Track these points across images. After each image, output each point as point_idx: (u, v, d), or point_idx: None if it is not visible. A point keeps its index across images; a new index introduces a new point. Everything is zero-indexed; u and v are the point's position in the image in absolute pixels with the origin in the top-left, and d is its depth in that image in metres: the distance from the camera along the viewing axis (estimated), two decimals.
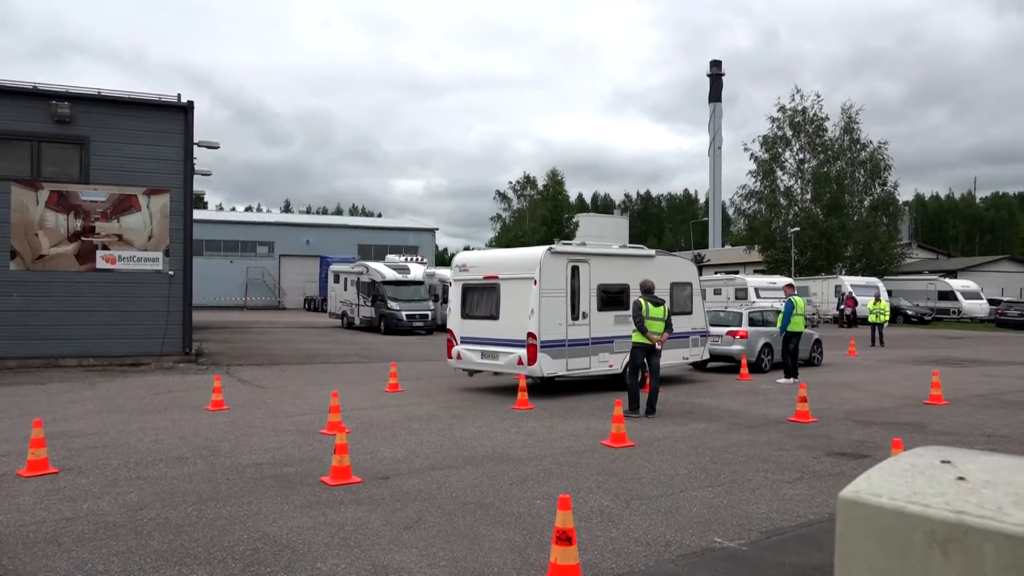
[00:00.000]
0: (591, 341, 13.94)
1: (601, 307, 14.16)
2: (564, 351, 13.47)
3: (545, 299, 13.19)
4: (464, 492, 7.21)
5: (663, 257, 16.29)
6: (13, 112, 19.00)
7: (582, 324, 13.80)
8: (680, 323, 14.73)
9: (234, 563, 5.33)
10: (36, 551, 5.58)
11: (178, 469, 8.17)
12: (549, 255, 13.50)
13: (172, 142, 20.27)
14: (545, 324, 13.13)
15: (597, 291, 14.11)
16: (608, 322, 14.21)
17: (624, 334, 13.73)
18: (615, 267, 14.69)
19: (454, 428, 10.60)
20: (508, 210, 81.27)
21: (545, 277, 13.27)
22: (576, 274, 13.83)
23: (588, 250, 14.51)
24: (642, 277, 13.74)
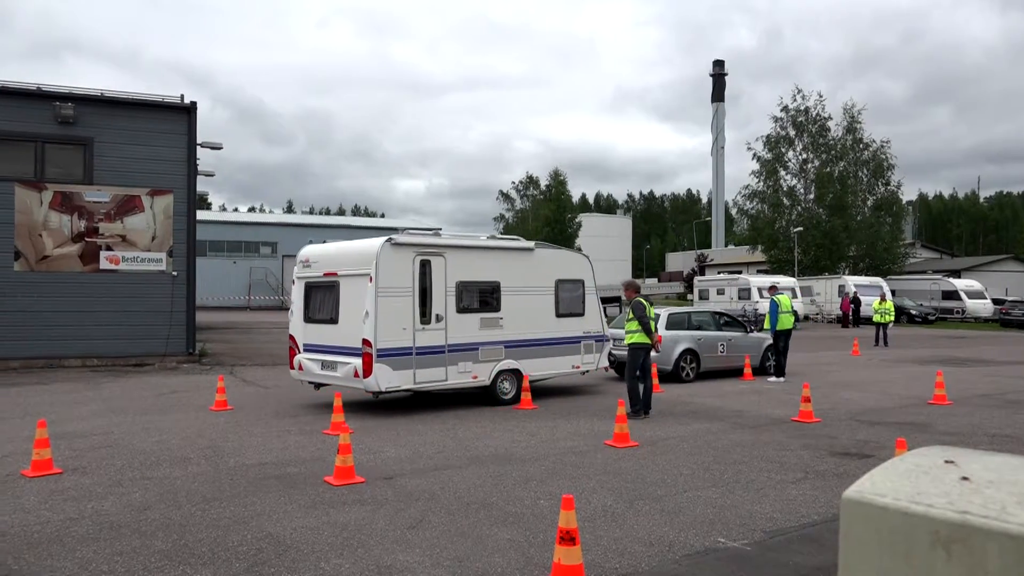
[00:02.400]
0: (448, 349, 11.97)
1: (461, 309, 12.22)
2: (410, 361, 11.51)
3: (384, 300, 11.25)
4: (468, 492, 7.21)
5: (546, 250, 14.05)
6: (16, 113, 19.04)
7: (436, 329, 11.85)
8: (570, 326, 13.65)
9: (238, 563, 5.34)
10: (40, 551, 5.59)
11: (182, 469, 8.19)
12: (389, 247, 11.48)
13: (175, 143, 20.30)
14: (384, 329, 11.19)
15: (456, 290, 12.15)
16: (471, 326, 12.29)
17: (493, 340, 12.47)
18: (480, 262, 12.69)
19: (457, 428, 10.61)
20: (511, 210, 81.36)
21: (384, 273, 11.31)
22: (427, 270, 11.84)
23: (443, 241, 12.59)
24: (519, 272, 12.97)
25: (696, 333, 16.43)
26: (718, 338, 16.77)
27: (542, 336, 13.19)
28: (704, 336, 16.51)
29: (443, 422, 11.10)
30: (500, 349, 12.56)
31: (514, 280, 12.88)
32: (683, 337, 16.15)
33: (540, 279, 13.28)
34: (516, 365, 12.73)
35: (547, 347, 13.26)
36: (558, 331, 13.46)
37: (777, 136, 54.67)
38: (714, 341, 16.67)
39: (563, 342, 13.52)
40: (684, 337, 16.18)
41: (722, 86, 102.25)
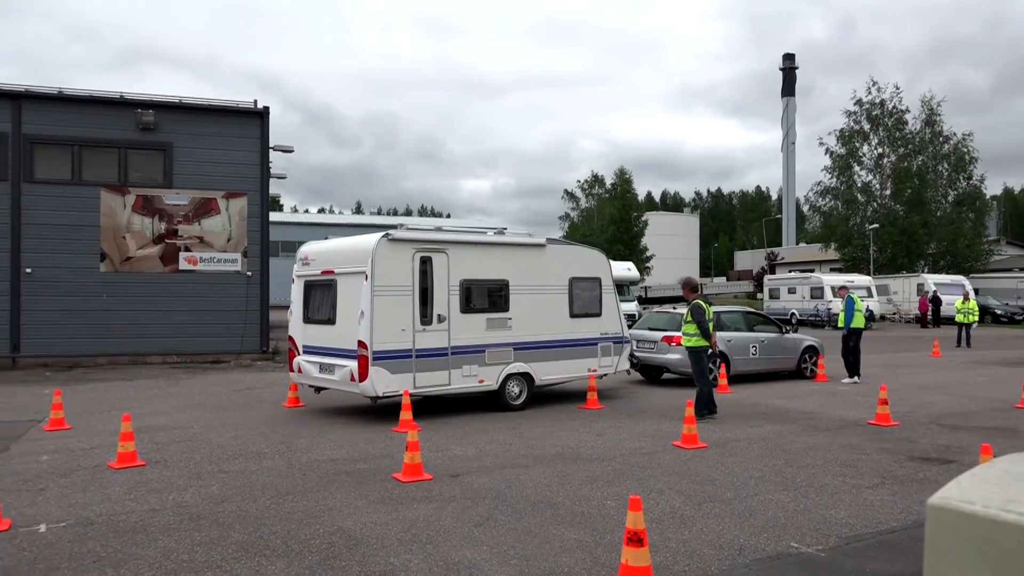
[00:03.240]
0: (451, 351, 11.34)
1: (466, 308, 11.55)
2: (409, 364, 10.92)
3: (381, 299, 10.68)
4: (534, 491, 7.22)
5: (558, 247, 13.20)
6: (102, 121, 19.94)
7: (437, 330, 11.21)
8: (585, 327, 12.94)
9: (311, 556, 5.47)
10: (126, 539, 5.84)
11: (257, 463, 8.43)
12: (386, 243, 10.89)
13: (249, 147, 20.94)
14: (381, 330, 10.62)
15: (460, 288, 11.50)
16: (477, 327, 11.64)
17: (500, 341, 11.83)
18: (487, 259, 11.96)
19: (523, 427, 10.63)
20: (576, 209, 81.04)
21: (380, 271, 10.74)
22: (428, 267, 11.22)
23: (446, 237, 11.72)
24: (529, 269, 12.27)
25: (725, 334, 15.05)
26: (750, 340, 15.61)
27: (555, 338, 12.50)
28: (734, 337, 15.31)
29: (509, 421, 11.14)
30: (508, 351, 11.94)
31: (524, 278, 12.21)
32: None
33: (552, 277, 12.59)
34: (526, 368, 12.09)
35: (560, 349, 12.56)
36: (572, 332, 12.76)
37: (851, 130, 53.01)
38: (745, 343, 15.54)
39: (578, 344, 12.80)
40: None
41: (793, 80, 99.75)
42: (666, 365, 15.10)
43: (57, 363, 19.26)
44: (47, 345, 19.28)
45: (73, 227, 19.58)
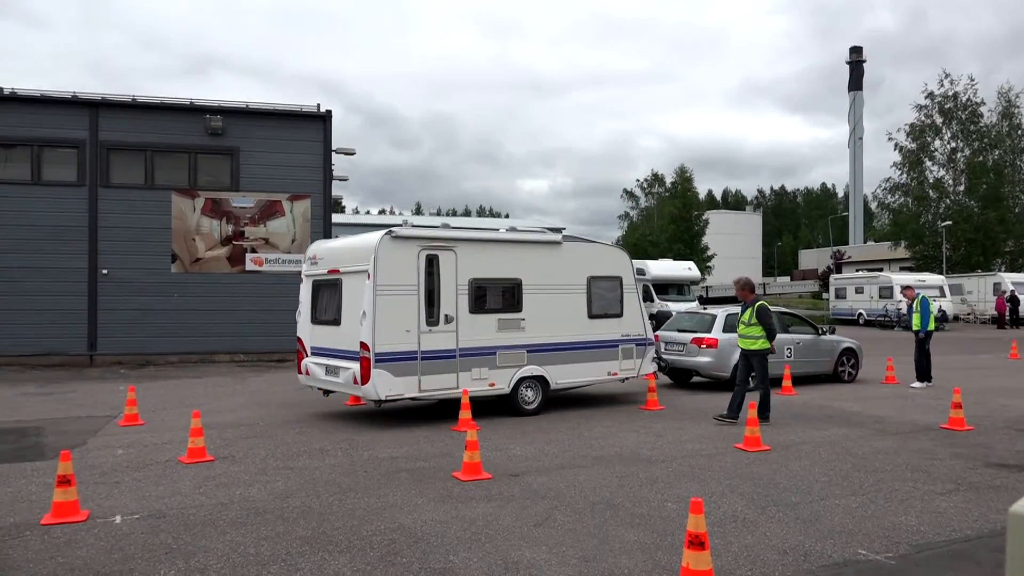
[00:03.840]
0: (459, 353, 10.94)
1: (476, 309, 11.13)
2: (414, 366, 10.55)
3: (384, 298, 10.33)
4: (593, 491, 7.18)
5: (575, 244, 12.62)
6: (173, 127, 20.64)
7: (445, 331, 10.84)
8: (605, 329, 12.41)
9: (372, 552, 5.55)
10: (196, 532, 6.02)
11: (320, 460, 8.60)
12: (389, 240, 10.52)
13: (312, 150, 21.40)
14: (384, 331, 10.29)
15: (470, 288, 11.10)
16: (487, 328, 11.21)
17: (513, 343, 11.39)
18: (498, 256, 11.51)
19: (582, 428, 10.59)
20: (635, 208, 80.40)
21: (383, 269, 10.37)
22: (434, 266, 10.83)
23: (454, 234, 11.27)
24: (544, 268, 11.83)
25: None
26: (784, 341, 14.70)
27: (571, 339, 12.02)
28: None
29: (568, 421, 11.11)
30: (522, 354, 11.49)
31: (538, 277, 11.75)
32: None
33: (569, 276, 12.10)
34: (541, 372, 11.63)
35: (577, 352, 12.07)
36: (591, 334, 12.24)
37: (922, 125, 51.19)
38: (780, 345, 14.44)
39: (597, 346, 12.28)
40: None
41: (860, 74, 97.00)
42: (696, 368, 14.58)
43: (131, 360, 20.00)
44: (121, 343, 20.05)
45: (146, 230, 20.31)
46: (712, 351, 14.21)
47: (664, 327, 15.74)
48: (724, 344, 14.07)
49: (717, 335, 14.26)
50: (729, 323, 14.32)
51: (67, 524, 6.21)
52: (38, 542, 5.80)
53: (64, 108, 20.28)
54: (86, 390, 15.10)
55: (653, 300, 31.92)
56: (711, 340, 14.24)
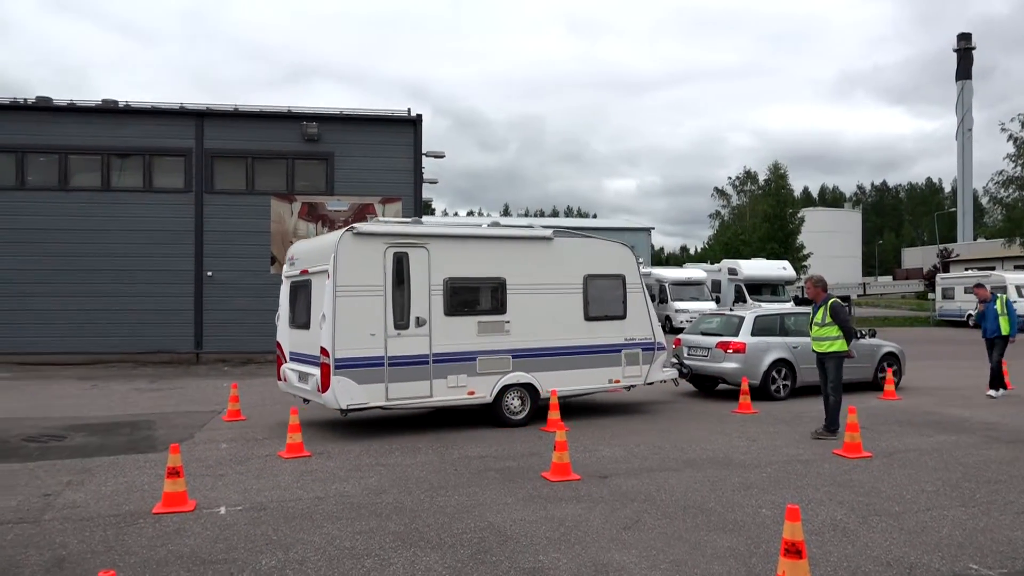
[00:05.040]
0: (433, 359, 10.14)
1: (452, 310, 10.32)
2: (380, 373, 9.79)
3: (345, 300, 9.65)
4: (684, 495, 7.06)
5: (569, 240, 11.54)
6: (272, 134, 21.49)
7: (415, 335, 10.03)
8: (604, 332, 11.39)
9: (463, 549, 5.62)
10: (294, 525, 6.24)
11: (412, 457, 8.77)
12: (350, 237, 9.82)
13: (403, 153, 21.88)
14: (345, 335, 9.60)
15: (445, 288, 10.29)
16: (465, 332, 10.39)
17: (495, 348, 10.54)
18: (478, 254, 10.67)
19: (672, 430, 10.43)
20: (727, 207, 78.64)
21: (344, 269, 9.70)
22: (404, 265, 10.07)
23: (425, 230, 10.53)
24: (532, 266, 10.94)
25: (791, 339, 13.45)
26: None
27: (565, 344, 11.07)
28: (802, 343, 13.09)
29: (657, 423, 10.96)
30: (506, 359, 10.64)
31: (525, 276, 10.85)
32: (774, 345, 13.31)
33: (562, 275, 11.15)
34: (529, 379, 10.75)
35: (572, 357, 11.11)
36: (588, 338, 11.27)
37: None
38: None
39: (595, 351, 11.29)
40: (775, 345, 13.31)
41: (969, 61, 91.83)
42: (721, 375, 13.46)
43: (233, 358, 20.92)
44: (225, 342, 21.01)
45: (246, 233, 21.21)
46: (739, 356, 13.10)
47: (687, 330, 14.89)
48: (753, 349, 13.11)
49: (745, 339, 13.20)
50: (759, 325, 13.50)
51: (176, 514, 6.55)
52: (150, 530, 6.14)
53: (173, 119, 21.40)
54: (193, 386, 15.88)
55: (745, 300, 31.15)
56: (738, 344, 13.18)
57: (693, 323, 15.26)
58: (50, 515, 6.57)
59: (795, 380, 13.31)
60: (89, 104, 21.48)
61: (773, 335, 13.48)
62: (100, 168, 21.17)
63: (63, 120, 21.12)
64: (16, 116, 20.98)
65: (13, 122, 20.89)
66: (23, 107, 21.12)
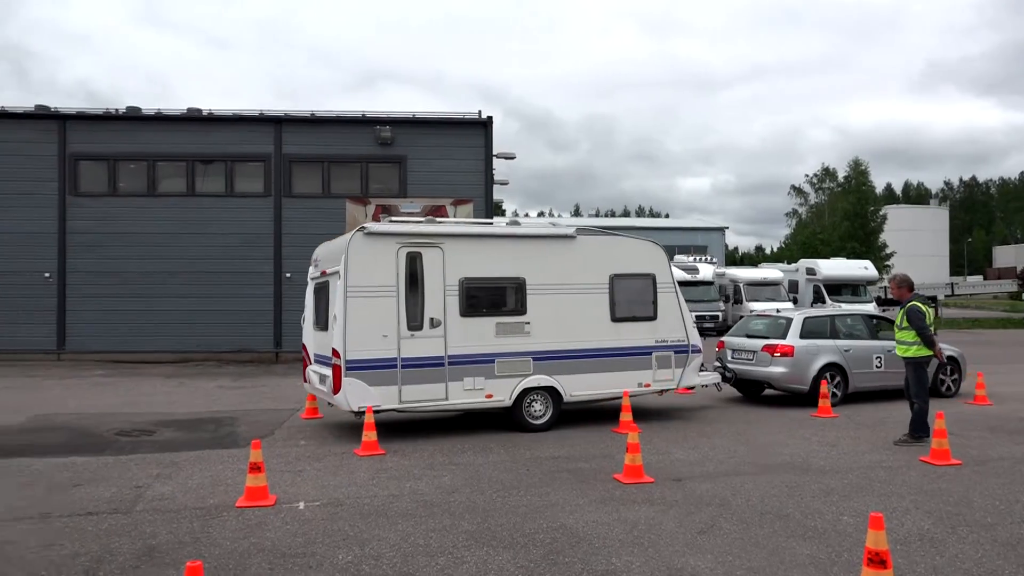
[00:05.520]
0: (448, 361, 9.95)
1: (468, 311, 10.10)
2: (393, 375, 9.68)
3: (356, 300, 9.59)
4: (761, 501, 6.90)
5: (594, 239, 11.22)
6: (347, 139, 21.99)
7: (430, 337, 9.87)
8: (633, 334, 10.96)
9: (535, 550, 5.63)
10: (370, 521, 6.37)
11: (484, 457, 8.84)
12: (361, 237, 9.81)
13: (474, 155, 22.07)
14: (356, 337, 9.53)
15: (461, 288, 10.09)
16: (483, 333, 10.15)
17: (515, 350, 10.27)
18: (495, 253, 10.43)
19: (748, 433, 10.21)
20: (804, 205, 76.56)
21: (356, 269, 9.65)
22: (418, 265, 9.94)
23: (440, 230, 10.35)
24: (553, 265, 10.60)
25: (842, 343, 12.85)
26: (872, 349, 12.94)
27: (590, 346, 10.72)
28: (853, 347, 12.81)
29: (731, 427, 10.75)
30: (527, 362, 10.35)
31: (546, 276, 10.56)
32: (824, 348, 12.61)
33: (586, 274, 10.79)
34: (550, 382, 10.44)
35: (598, 360, 10.74)
36: (615, 340, 10.86)
37: None
38: (867, 353, 12.89)
39: (622, 354, 10.87)
40: (825, 348, 12.62)
41: None
42: (767, 380, 12.77)
43: None
44: None
45: (323, 236, 21.63)
46: (787, 360, 12.41)
47: (731, 332, 14.26)
48: (801, 352, 12.43)
49: (793, 341, 12.50)
50: (808, 327, 12.81)
51: (258, 508, 6.76)
52: (234, 522, 6.36)
53: (253, 125, 22.13)
54: (273, 384, 16.37)
55: (824, 301, 30.26)
56: (786, 347, 12.48)
57: (738, 325, 14.65)
58: (141, 506, 6.87)
59: (847, 386, 12.66)
60: (175, 113, 22.41)
61: (823, 338, 12.84)
62: (185, 174, 22.06)
63: (151, 129, 22.08)
64: (108, 126, 22.05)
65: (106, 132, 21.95)
66: (114, 117, 22.18)
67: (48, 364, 20.31)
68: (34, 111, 21.95)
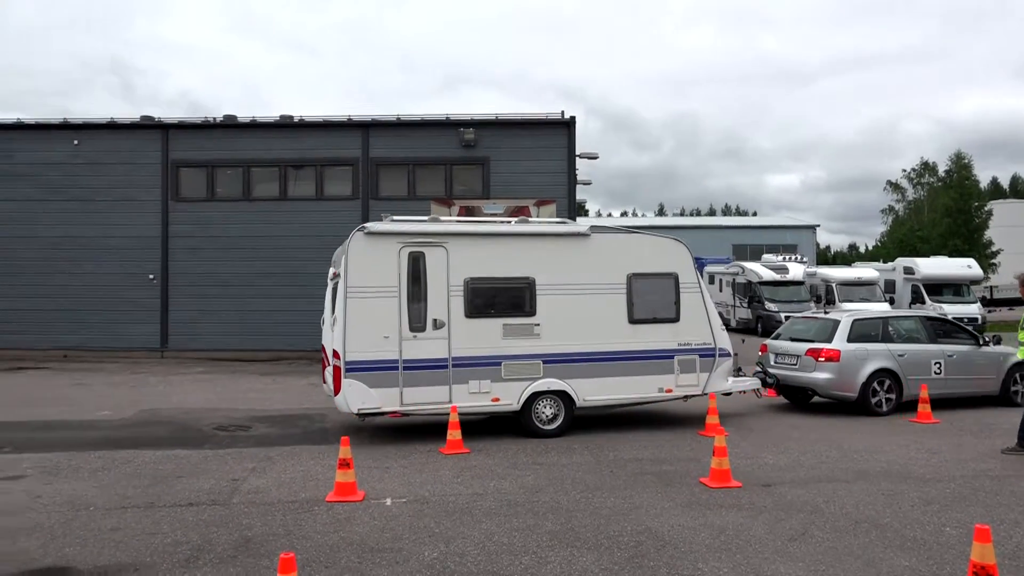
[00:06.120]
0: (452, 363, 9.77)
1: (474, 312, 9.87)
2: (395, 377, 9.56)
3: (356, 301, 9.53)
4: (855, 509, 6.65)
5: (609, 236, 10.80)
6: (431, 141, 22.34)
7: (433, 338, 9.70)
8: (653, 336, 10.43)
9: (619, 552, 5.58)
10: (455, 519, 6.45)
11: (567, 458, 8.82)
12: (361, 237, 9.76)
13: (557, 156, 22.06)
14: (356, 338, 9.46)
15: (466, 288, 9.88)
16: (489, 335, 9.90)
17: (523, 352, 9.95)
18: (502, 252, 10.15)
19: (841, 438, 9.85)
20: (901, 201, 73.28)
21: (356, 269, 9.61)
22: (420, 265, 9.80)
23: (443, 228, 10.15)
24: (565, 264, 10.21)
25: (896, 346, 11.97)
26: (931, 354, 12.08)
27: (605, 349, 10.30)
28: (909, 351, 11.95)
29: (823, 431, 10.40)
30: (536, 365, 10.04)
31: (557, 275, 10.22)
32: (875, 353, 11.77)
33: (601, 273, 10.37)
34: (562, 386, 10.09)
35: (613, 363, 10.31)
36: (632, 342, 10.40)
37: None
38: (925, 358, 12.02)
39: (641, 357, 10.38)
40: (876, 353, 11.77)
41: None
42: (811, 386, 12.00)
43: None
44: None
45: None
46: (832, 366, 11.67)
47: (775, 335, 13.46)
48: (848, 357, 11.65)
49: (839, 345, 11.74)
50: (858, 330, 12.00)
51: (347, 503, 6.95)
52: (324, 516, 6.55)
53: (341, 130, 22.73)
54: None
55: (924, 302, 28.92)
56: (831, 352, 11.71)
57: (784, 327, 13.81)
58: (237, 498, 7.16)
59: (901, 393, 11.79)
60: (268, 120, 23.24)
61: (875, 341, 12.00)
62: (278, 179, 22.84)
63: (246, 136, 22.97)
64: (207, 134, 23.06)
65: (205, 139, 22.97)
66: (213, 125, 23.18)
67: (152, 361, 21.40)
68: (140, 121, 23.15)
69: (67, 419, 11.81)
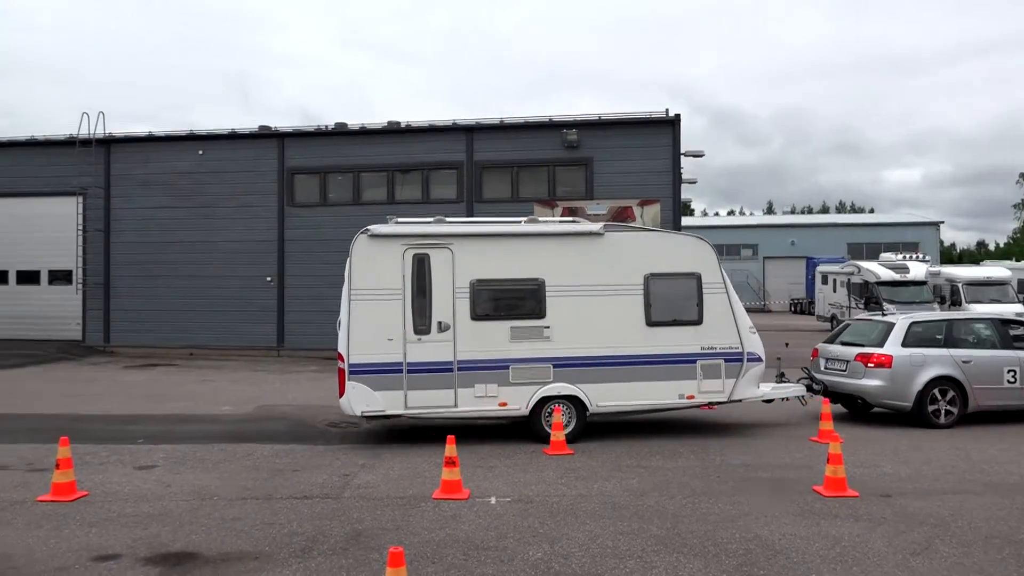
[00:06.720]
0: (457, 366, 9.62)
1: (480, 315, 9.71)
2: (399, 380, 9.51)
3: (360, 304, 9.55)
4: (986, 523, 6.24)
5: (625, 235, 10.36)
6: (534, 143, 22.45)
7: (438, 341, 9.60)
8: (674, 339, 9.94)
9: (727, 560, 5.44)
10: (559, 520, 6.45)
11: (672, 462, 8.67)
12: (365, 240, 9.72)
13: (661, 155, 21.74)
14: (360, 340, 9.48)
15: (472, 290, 9.73)
16: (496, 338, 9.70)
17: (532, 356, 9.70)
18: (510, 253, 9.93)
19: (970, 448, 9.26)
20: None
21: (359, 272, 9.62)
22: (425, 266, 9.70)
23: (448, 230, 9.96)
24: (577, 265, 9.90)
25: (959, 352, 10.94)
26: (1003, 360, 10.93)
27: (620, 352, 9.90)
28: (975, 357, 10.88)
29: (950, 439, 9.80)
30: (546, 368, 9.78)
31: (569, 276, 9.92)
32: (934, 359, 10.82)
33: (616, 274, 9.99)
34: (573, 391, 9.81)
35: (629, 368, 9.89)
36: (650, 346, 9.95)
37: None
38: (995, 365, 10.89)
39: (660, 361, 9.93)
40: (936, 358, 10.82)
41: None
42: (861, 394, 11.10)
43: None
44: None
45: None
46: (883, 372, 10.80)
47: (827, 338, 12.51)
48: (901, 363, 10.77)
49: (892, 350, 10.87)
50: (915, 334, 11.07)
51: (452, 500, 7.07)
52: (430, 513, 6.69)
53: (446, 135, 23.18)
54: None
55: None
56: (882, 357, 10.87)
57: (838, 329, 12.84)
58: (348, 493, 7.41)
59: (965, 404, 10.79)
60: (376, 127, 23.96)
61: (935, 346, 11.03)
62: (386, 183, 23.52)
63: (356, 143, 23.76)
64: (319, 142, 23.99)
65: (317, 147, 23.91)
66: (325, 133, 24.10)
67: (270, 359, 22.44)
68: (258, 131, 24.35)
69: (193, 413, 12.56)
